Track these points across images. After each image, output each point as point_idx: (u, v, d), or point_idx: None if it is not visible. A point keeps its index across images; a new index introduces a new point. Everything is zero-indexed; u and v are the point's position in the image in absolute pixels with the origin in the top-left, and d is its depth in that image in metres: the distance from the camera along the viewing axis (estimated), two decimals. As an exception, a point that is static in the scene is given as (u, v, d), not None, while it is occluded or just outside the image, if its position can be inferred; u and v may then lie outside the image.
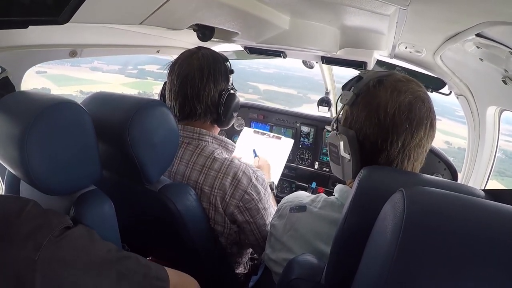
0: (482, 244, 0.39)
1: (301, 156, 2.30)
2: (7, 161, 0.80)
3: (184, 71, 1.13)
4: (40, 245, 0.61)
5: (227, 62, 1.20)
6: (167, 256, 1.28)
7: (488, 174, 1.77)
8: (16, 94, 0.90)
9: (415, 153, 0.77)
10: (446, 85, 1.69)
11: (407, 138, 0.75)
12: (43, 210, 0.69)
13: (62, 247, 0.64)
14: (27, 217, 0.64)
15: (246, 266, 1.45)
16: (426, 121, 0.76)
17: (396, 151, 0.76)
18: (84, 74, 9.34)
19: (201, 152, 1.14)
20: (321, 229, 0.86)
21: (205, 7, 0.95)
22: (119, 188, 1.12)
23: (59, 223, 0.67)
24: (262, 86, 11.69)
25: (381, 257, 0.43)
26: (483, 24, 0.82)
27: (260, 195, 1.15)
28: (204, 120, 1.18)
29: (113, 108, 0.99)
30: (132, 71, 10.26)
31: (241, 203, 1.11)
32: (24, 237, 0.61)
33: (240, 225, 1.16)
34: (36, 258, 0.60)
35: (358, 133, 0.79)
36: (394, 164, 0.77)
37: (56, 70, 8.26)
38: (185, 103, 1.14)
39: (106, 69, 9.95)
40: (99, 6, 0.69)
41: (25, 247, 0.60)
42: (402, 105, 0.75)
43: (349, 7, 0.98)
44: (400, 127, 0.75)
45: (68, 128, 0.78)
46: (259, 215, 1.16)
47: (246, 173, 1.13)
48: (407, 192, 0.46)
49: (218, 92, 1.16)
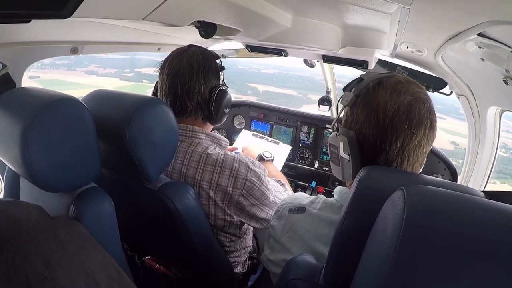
0: (483, 243, 0.39)
1: (301, 155, 2.30)
2: (7, 157, 0.79)
3: (174, 68, 1.15)
4: (49, 263, 0.61)
5: (218, 60, 1.21)
6: (166, 254, 1.28)
7: (488, 174, 1.77)
8: (17, 90, 0.90)
9: (414, 154, 0.77)
10: (447, 85, 1.68)
11: (406, 139, 0.75)
12: (51, 221, 0.69)
13: (71, 267, 0.64)
14: (37, 229, 0.65)
15: (245, 265, 1.45)
16: (426, 122, 0.76)
17: (395, 151, 0.76)
18: (79, 78, 9.03)
19: (194, 149, 1.15)
20: (320, 231, 0.86)
21: (207, 3, 0.95)
22: (118, 187, 1.12)
23: (69, 236, 0.67)
24: (261, 87, 11.54)
25: (381, 256, 0.43)
26: (485, 23, 0.82)
27: (260, 178, 1.16)
28: (195, 117, 1.19)
29: (113, 106, 0.99)
30: (128, 74, 10.00)
31: (244, 190, 1.13)
32: (35, 253, 0.62)
33: (246, 208, 1.17)
34: (46, 275, 0.61)
35: (358, 133, 0.79)
36: (393, 165, 0.77)
37: (50, 74, 8.08)
38: (175, 100, 1.15)
39: (102, 72, 9.70)
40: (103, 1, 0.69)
41: (35, 263, 0.61)
42: (402, 105, 0.75)
43: (352, 5, 0.98)
44: (399, 128, 0.74)
45: (68, 124, 0.78)
46: (264, 196, 1.18)
47: (242, 161, 1.14)
48: (408, 190, 0.45)
49: (208, 89, 1.17)
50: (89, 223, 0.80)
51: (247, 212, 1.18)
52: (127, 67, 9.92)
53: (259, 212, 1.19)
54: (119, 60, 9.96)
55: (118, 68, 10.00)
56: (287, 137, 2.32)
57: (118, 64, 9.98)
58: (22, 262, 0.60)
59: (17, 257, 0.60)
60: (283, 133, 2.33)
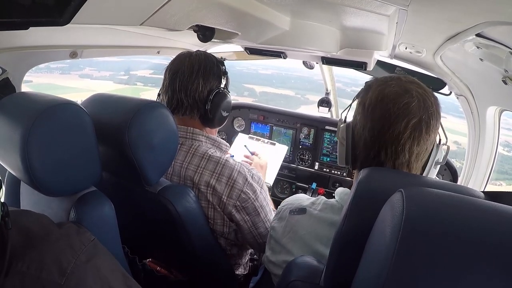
0: (481, 245, 0.39)
1: (301, 157, 2.30)
2: (8, 162, 0.80)
3: (175, 67, 1.18)
4: (65, 271, 0.62)
5: (222, 66, 1.22)
6: (167, 257, 1.28)
7: (489, 174, 1.77)
8: (17, 95, 0.90)
9: (393, 148, 0.76)
10: (446, 85, 1.69)
11: (383, 129, 0.76)
12: (63, 230, 0.70)
13: (87, 275, 0.65)
14: (50, 238, 0.66)
15: (246, 267, 1.45)
16: (412, 116, 0.74)
17: (375, 143, 0.78)
18: (72, 82, 8.76)
19: (195, 152, 1.15)
20: (320, 231, 0.86)
21: (205, 8, 0.95)
22: (119, 190, 1.12)
23: (81, 245, 0.68)
24: (258, 88, 11.37)
25: (380, 258, 0.43)
26: (484, 24, 0.82)
27: (256, 193, 1.16)
28: (191, 115, 1.19)
29: (113, 109, 0.99)
30: (123, 77, 9.77)
31: (238, 202, 1.12)
32: (50, 262, 0.62)
33: (238, 223, 1.16)
34: (62, 283, 0.61)
35: (353, 121, 0.85)
36: (381, 156, 0.78)
37: (44, 78, 7.94)
38: (173, 96, 1.17)
39: (97, 75, 9.47)
40: (100, 7, 0.69)
41: (51, 272, 0.61)
42: (386, 96, 0.77)
43: (349, 7, 0.98)
44: (380, 117, 0.76)
45: (68, 129, 0.78)
46: (255, 213, 1.17)
47: (242, 172, 1.13)
48: (407, 192, 0.45)
49: (207, 89, 1.17)
50: (90, 227, 0.80)
51: (239, 228, 1.18)
52: (122, 69, 9.75)
53: (248, 234, 1.19)
54: (115, 63, 9.77)
55: (114, 71, 9.82)
56: (287, 139, 2.32)
57: (113, 67, 9.81)
58: (38, 272, 0.61)
59: (33, 267, 0.61)
60: (283, 135, 2.33)
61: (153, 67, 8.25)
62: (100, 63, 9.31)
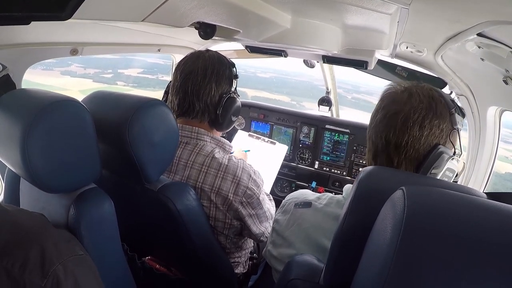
0: (483, 244, 0.39)
1: (301, 156, 2.30)
2: (7, 158, 0.79)
3: (188, 68, 1.17)
4: (47, 273, 0.63)
5: (233, 68, 1.22)
6: (166, 255, 1.28)
7: (489, 174, 1.76)
8: (17, 92, 0.90)
9: (399, 148, 0.77)
10: (447, 85, 1.68)
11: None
12: (58, 235, 0.70)
13: (67, 282, 0.65)
14: (41, 239, 0.66)
15: (246, 265, 1.45)
16: (407, 115, 0.76)
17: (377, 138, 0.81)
18: (51, 79, 8.25)
19: (199, 151, 1.15)
20: (325, 225, 0.86)
21: (207, 4, 0.95)
22: (119, 188, 1.12)
23: (69, 253, 0.68)
24: (250, 92, 10.96)
25: (381, 257, 0.43)
26: (485, 23, 0.82)
27: (259, 187, 1.19)
28: (201, 119, 1.19)
29: (113, 107, 0.99)
30: (106, 76, 9.36)
31: (244, 198, 1.14)
32: (34, 262, 0.63)
33: (243, 219, 1.17)
34: (43, 285, 0.62)
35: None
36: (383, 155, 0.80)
37: (25, 75, 7.79)
38: (184, 98, 1.16)
39: (80, 73, 9.01)
40: (102, 2, 0.69)
41: (33, 273, 0.62)
42: (388, 96, 0.81)
43: (351, 5, 0.98)
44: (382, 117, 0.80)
45: (68, 126, 0.78)
46: (259, 206, 1.20)
47: (246, 169, 1.15)
48: (408, 190, 0.45)
49: (219, 94, 1.18)
50: (89, 224, 0.81)
51: (244, 223, 1.19)
52: (110, 67, 9.37)
53: (253, 226, 1.21)
54: (106, 60, 9.32)
55: (101, 68, 9.43)
56: (287, 138, 2.32)
57: (101, 64, 9.38)
58: (21, 271, 0.61)
59: (17, 265, 0.62)
60: (283, 134, 2.33)
61: (146, 66, 7.99)
62: (90, 60, 8.89)
